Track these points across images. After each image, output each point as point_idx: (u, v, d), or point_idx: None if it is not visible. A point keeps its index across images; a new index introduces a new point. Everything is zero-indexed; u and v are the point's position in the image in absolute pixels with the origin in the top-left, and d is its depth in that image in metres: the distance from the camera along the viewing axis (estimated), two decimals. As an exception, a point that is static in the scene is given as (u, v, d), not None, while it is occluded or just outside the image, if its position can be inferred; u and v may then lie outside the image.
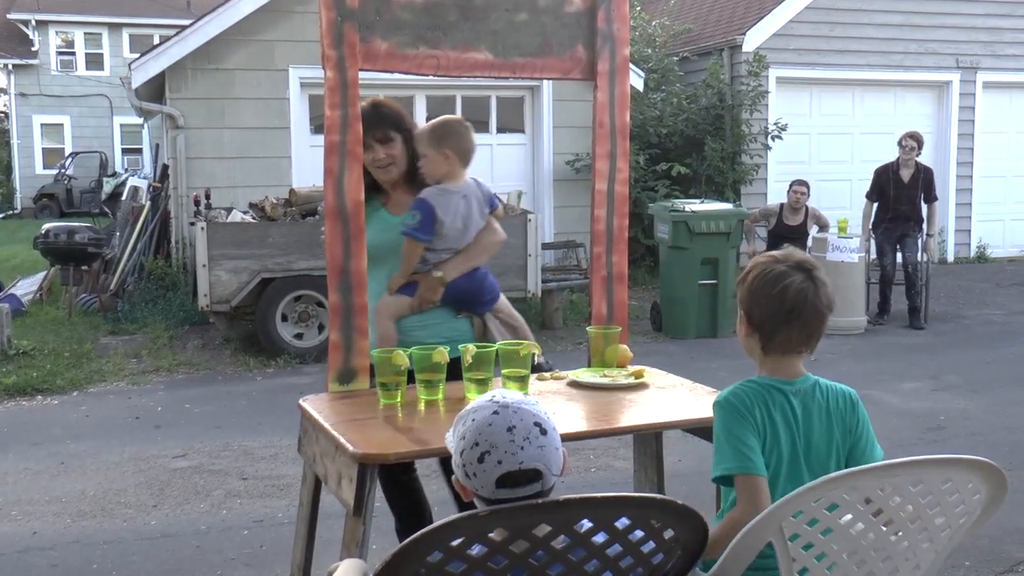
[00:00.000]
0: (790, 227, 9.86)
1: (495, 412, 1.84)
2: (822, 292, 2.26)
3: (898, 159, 9.73)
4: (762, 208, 10.49)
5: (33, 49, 28.04)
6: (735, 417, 2.23)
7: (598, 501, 1.79)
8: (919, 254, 9.70)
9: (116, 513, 4.82)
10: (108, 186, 24.88)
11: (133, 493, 5.10)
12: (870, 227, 9.90)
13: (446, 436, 1.96)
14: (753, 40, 13.04)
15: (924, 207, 9.84)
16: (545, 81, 11.03)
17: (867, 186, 10.01)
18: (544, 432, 1.84)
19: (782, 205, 10.05)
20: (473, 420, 1.85)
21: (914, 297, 9.65)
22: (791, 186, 10.00)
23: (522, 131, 12.22)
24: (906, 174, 9.68)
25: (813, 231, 9.87)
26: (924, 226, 9.85)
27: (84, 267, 11.25)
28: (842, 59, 13.49)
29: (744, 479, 2.18)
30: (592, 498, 1.78)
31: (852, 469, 2.01)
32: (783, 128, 12.69)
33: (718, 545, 2.08)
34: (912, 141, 9.72)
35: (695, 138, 12.77)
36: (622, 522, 1.81)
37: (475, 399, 1.94)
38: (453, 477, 1.90)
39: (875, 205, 9.84)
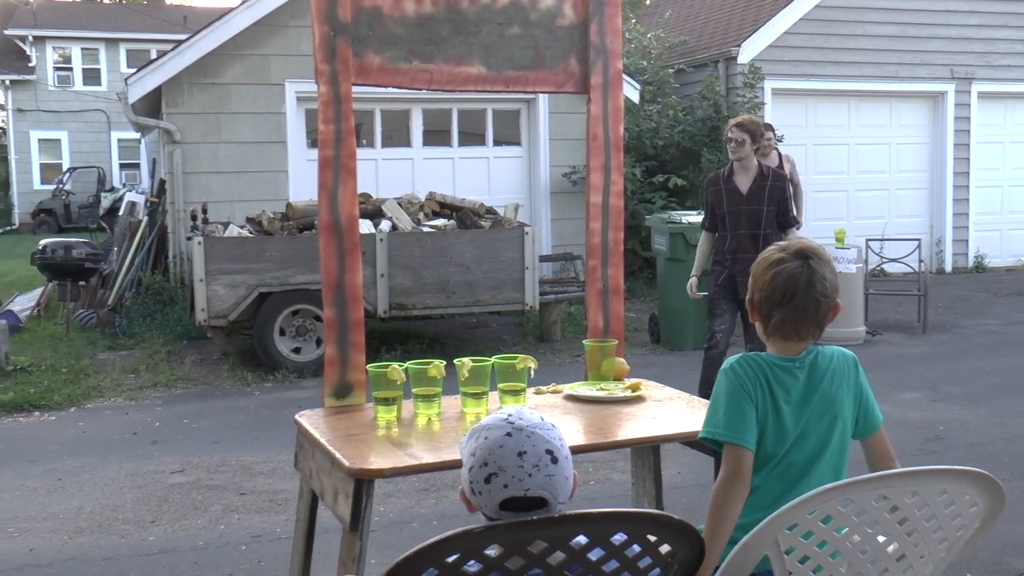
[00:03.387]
0: None
1: (508, 434, 1.81)
2: (816, 278, 2.30)
3: (731, 163, 6.25)
4: None
5: (30, 65, 28.13)
6: (736, 386, 2.28)
7: (594, 517, 1.78)
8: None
9: (114, 529, 4.80)
10: (106, 201, 24.93)
11: (131, 509, 5.07)
12: (702, 269, 6.50)
13: (460, 443, 1.95)
14: (748, 52, 13.08)
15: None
16: (541, 94, 11.06)
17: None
18: (555, 460, 1.82)
19: None
20: (486, 439, 1.83)
21: None
22: None
23: (518, 144, 12.24)
24: (743, 182, 6.15)
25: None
26: None
27: (82, 282, 11.25)
28: (837, 70, 13.52)
29: (732, 448, 2.23)
30: (588, 514, 1.77)
31: (847, 480, 2.00)
32: (779, 140, 12.71)
33: (712, 539, 2.11)
34: (741, 132, 6.07)
35: (691, 150, 12.79)
36: (618, 537, 1.80)
37: (492, 415, 1.90)
38: (459, 488, 1.90)
39: (716, 236, 6.35)
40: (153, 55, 23.28)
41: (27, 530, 4.80)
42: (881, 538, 2.03)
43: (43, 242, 12.03)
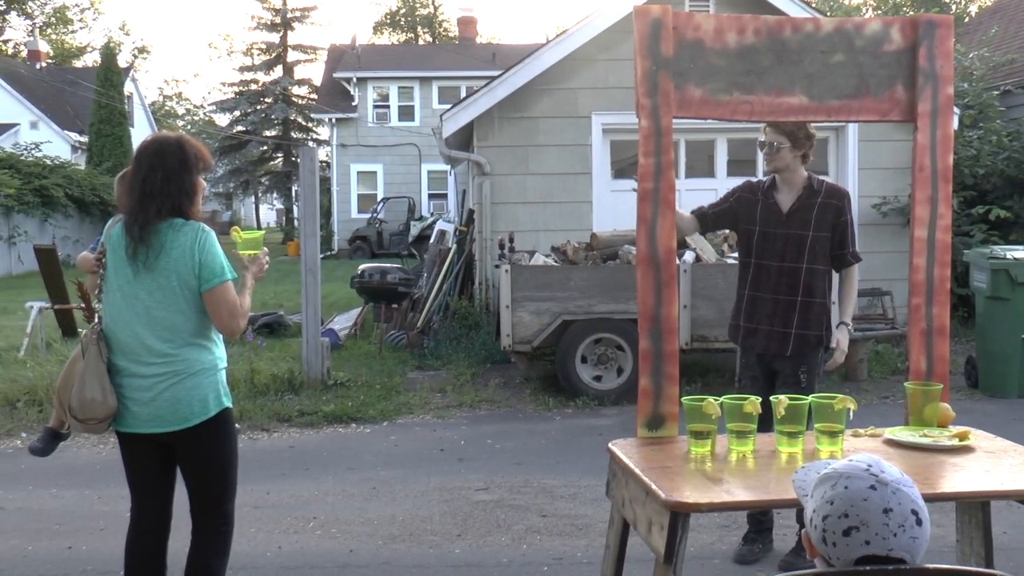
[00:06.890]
0: None
1: (872, 487, 1.73)
2: None
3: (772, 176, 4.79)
4: None
5: (353, 104, 30.66)
6: None
7: (931, 573, 1.69)
8: None
9: (423, 539, 5.06)
10: (415, 229, 26.50)
11: (438, 521, 5.33)
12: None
13: (794, 479, 1.89)
14: (1087, 72, 11.98)
15: None
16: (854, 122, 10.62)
17: None
18: (920, 523, 1.73)
19: None
20: (846, 488, 1.74)
21: None
22: None
23: (826, 172, 11.80)
24: (785, 199, 4.62)
25: None
26: None
27: (394, 305, 11.97)
28: None
29: None
30: (925, 570, 1.68)
31: None
32: (1121, 167, 11.52)
33: None
34: (776, 134, 4.51)
35: (1017, 178, 11.83)
36: (954, 599, 1.69)
37: (846, 461, 1.80)
38: (803, 531, 1.84)
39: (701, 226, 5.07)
40: (463, 92, 24.59)
41: (347, 532, 5.17)
42: None
43: (362, 267, 12.95)
